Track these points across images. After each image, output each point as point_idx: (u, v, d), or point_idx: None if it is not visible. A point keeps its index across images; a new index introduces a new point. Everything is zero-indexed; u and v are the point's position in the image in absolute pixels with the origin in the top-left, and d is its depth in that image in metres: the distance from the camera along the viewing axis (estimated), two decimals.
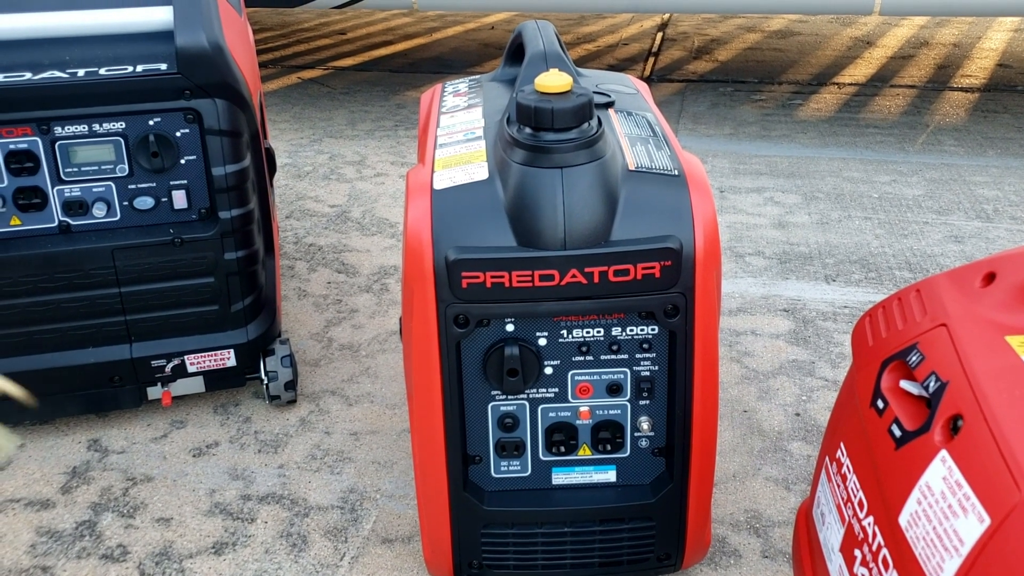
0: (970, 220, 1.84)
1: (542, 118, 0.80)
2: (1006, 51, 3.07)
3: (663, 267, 0.80)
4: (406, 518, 1.10)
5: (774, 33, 3.35)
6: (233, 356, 1.23)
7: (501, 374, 0.84)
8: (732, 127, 2.39)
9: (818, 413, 1.27)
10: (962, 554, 0.55)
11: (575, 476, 0.91)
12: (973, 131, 2.34)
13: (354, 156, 2.22)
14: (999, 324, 0.65)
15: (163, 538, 1.08)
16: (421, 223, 0.80)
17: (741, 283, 1.62)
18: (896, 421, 0.66)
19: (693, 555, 0.96)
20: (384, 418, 1.28)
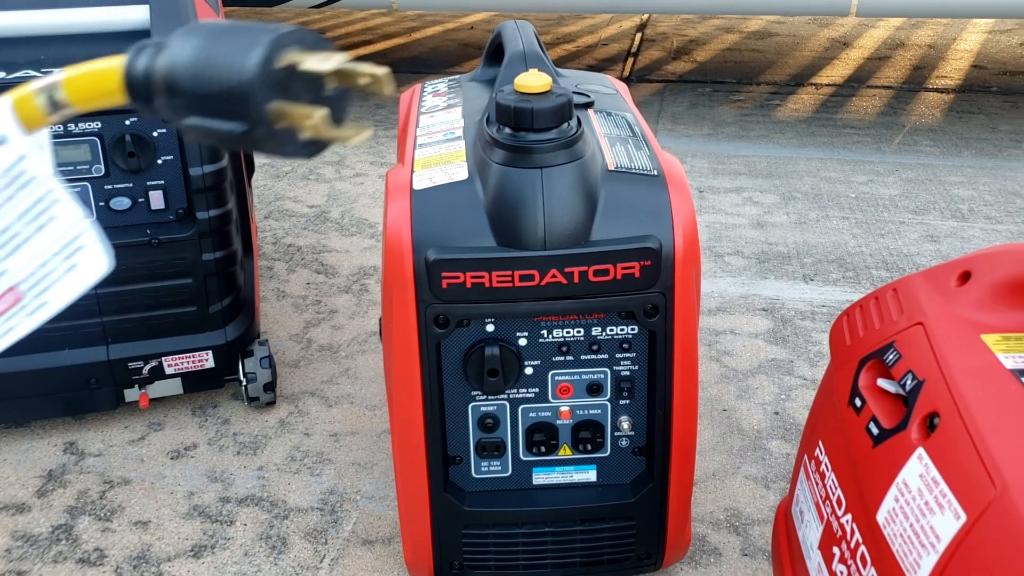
0: (946, 220, 1.86)
1: (522, 118, 0.80)
2: (980, 52, 3.10)
3: (643, 267, 0.80)
4: (386, 519, 1.10)
5: (752, 34, 3.37)
6: (211, 357, 1.22)
7: (481, 374, 0.84)
8: (711, 127, 2.40)
9: (796, 412, 1.28)
10: (939, 550, 0.55)
11: (555, 476, 0.91)
12: (948, 131, 2.36)
13: (333, 156, 2.21)
14: (974, 323, 0.66)
15: (141, 541, 1.07)
16: (401, 223, 0.80)
17: (720, 283, 1.62)
18: (873, 419, 0.66)
19: (673, 554, 0.96)
20: (364, 419, 1.28)
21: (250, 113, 0.34)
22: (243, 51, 0.34)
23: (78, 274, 0.39)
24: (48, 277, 0.39)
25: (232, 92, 0.34)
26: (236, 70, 0.34)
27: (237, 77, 0.34)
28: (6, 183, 0.37)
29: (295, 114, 0.35)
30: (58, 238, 0.38)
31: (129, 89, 0.37)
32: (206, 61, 0.34)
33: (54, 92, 0.38)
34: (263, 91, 0.34)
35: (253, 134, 0.35)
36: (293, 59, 0.35)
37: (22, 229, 0.38)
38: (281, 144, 0.35)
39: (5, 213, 0.38)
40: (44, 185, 0.38)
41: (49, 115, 0.38)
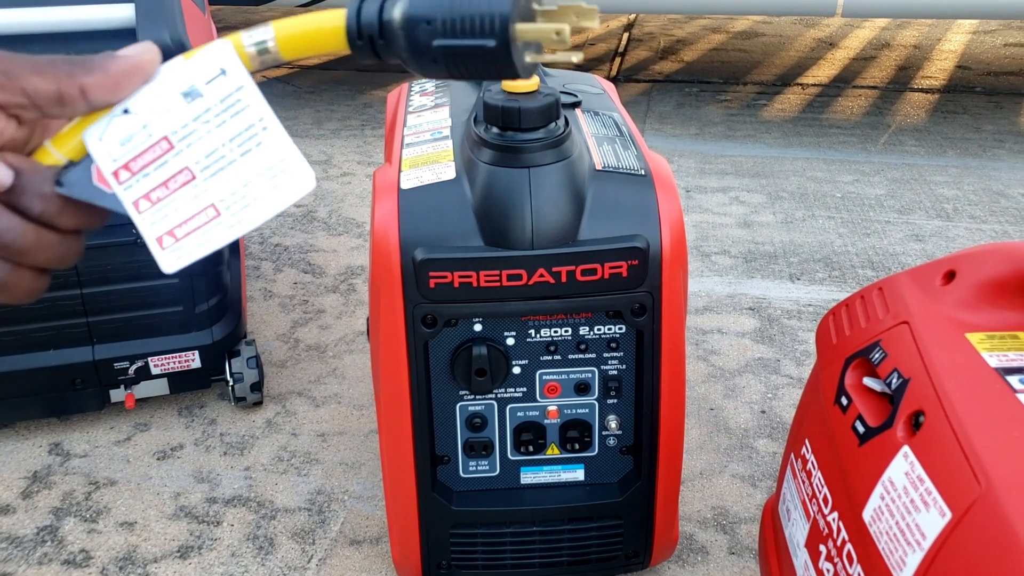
0: (931, 219, 1.87)
1: (509, 118, 0.80)
2: (965, 53, 3.12)
3: (630, 266, 0.80)
4: (374, 519, 1.10)
5: (739, 34, 3.38)
6: (198, 357, 1.21)
7: (469, 374, 0.84)
8: (698, 127, 2.41)
9: (783, 410, 1.28)
10: (924, 548, 0.56)
11: (543, 475, 0.91)
12: (933, 131, 2.38)
13: (320, 156, 2.21)
14: (959, 321, 0.66)
15: (127, 542, 1.06)
16: (388, 223, 0.80)
17: (707, 282, 1.63)
18: (859, 418, 0.67)
19: (661, 553, 0.96)
20: (351, 419, 1.27)
21: (503, 32, 0.42)
22: None
23: (280, 193, 0.43)
24: (248, 196, 0.43)
25: (490, 16, 0.42)
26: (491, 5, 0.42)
27: (496, 3, 0.42)
28: (222, 110, 0.42)
29: (539, 31, 0.43)
30: (263, 162, 0.43)
31: (355, 37, 0.44)
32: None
33: (267, 42, 0.43)
34: (514, 14, 0.42)
35: (500, 49, 0.42)
36: None
37: (229, 152, 0.42)
38: (517, 60, 0.43)
39: (217, 137, 0.42)
40: (257, 113, 0.43)
41: (255, 61, 0.44)
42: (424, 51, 0.43)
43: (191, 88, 0.42)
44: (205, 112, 0.42)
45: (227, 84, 0.43)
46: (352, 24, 0.43)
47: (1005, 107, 2.56)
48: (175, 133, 0.42)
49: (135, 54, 0.42)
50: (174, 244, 0.43)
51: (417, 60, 0.44)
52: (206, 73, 0.42)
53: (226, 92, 0.43)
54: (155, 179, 0.42)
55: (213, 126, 0.42)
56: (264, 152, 0.43)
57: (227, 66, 0.43)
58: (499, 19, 0.41)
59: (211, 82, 0.42)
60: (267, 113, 0.43)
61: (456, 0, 0.42)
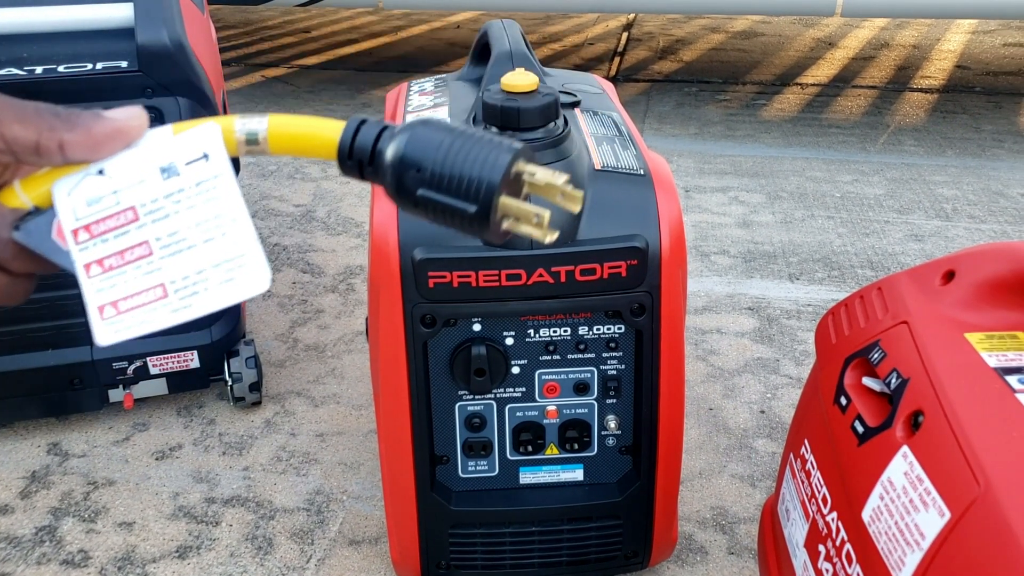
0: (930, 219, 1.87)
1: (508, 117, 0.80)
2: (964, 53, 3.12)
3: (629, 266, 0.80)
4: (373, 519, 1.10)
5: (738, 34, 3.38)
6: (197, 357, 1.21)
7: (468, 374, 0.84)
8: (697, 127, 2.41)
9: (782, 410, 1.28)
10: (923, 548, 0.56)
11: (542, 475, 0.91)
12: (932, 131, 2.38)
13: None
14: (959, 321, 0.66)
15: (125, 542, 1.06)
16: (387, 222, 0.80)
17: (706, 282, 1.63)
18: (859, 417, 0.67)
19: (660, 553, 0.96)
20: (350, 419, 1.27)
21: (487, 201, 0.42)
22: (494, 151, 0.42)
23: (232, 288, 0.42)
24: (199, 284, 0.42)
25: (478, 182, 0.42)
26: (488, 165, 0.42)
27: (488, 171, 0.42)
28: (196, 192, 0.42)
29: (520, 210, 0.43)
30: (224, 253, 0.42)
31: (345, 155, 0.44)
32: (457, 151, 0.42)
33: (257, 133, 0.43)
34: (501, 187, 0.42)
35: (479, 215, 0.42)
36: (523, 168, 0.43)
37: (192, 236, 0.42)
38: (492, 227, 0.43)
39: (184, 219, 0.42)
40: (228, 203, 0.42)
41: (242, 148, 0.44)
42: (407, 194, 0.43)
43: (170, 165, 0.42)
44: (179, 191, 0.42)
45: (206, 169, 0.42)
46: (346, 144, 0.44)
47: (1004, 107, 2.57)
48: (143, 205, 0.42)
49: (122, 118, 0.42)
50: (114, 316, 0.42)
51: (399, 198, 0.44)
52: (188, 154, 0.42)
53: (204, 177, 0.42)
54: (112, 247, 0.42)
55: (183, 207, 0.42)
56: (227, 243, 0.42)
57: (211, 151, 0.43)
58: (486, 189, 0.42)
59: (191, 163, 0.42)
60: (239, 205, 0.42)
61: (451, 156, 0.42)
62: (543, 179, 0.44)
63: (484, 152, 0.42)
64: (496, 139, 0.43)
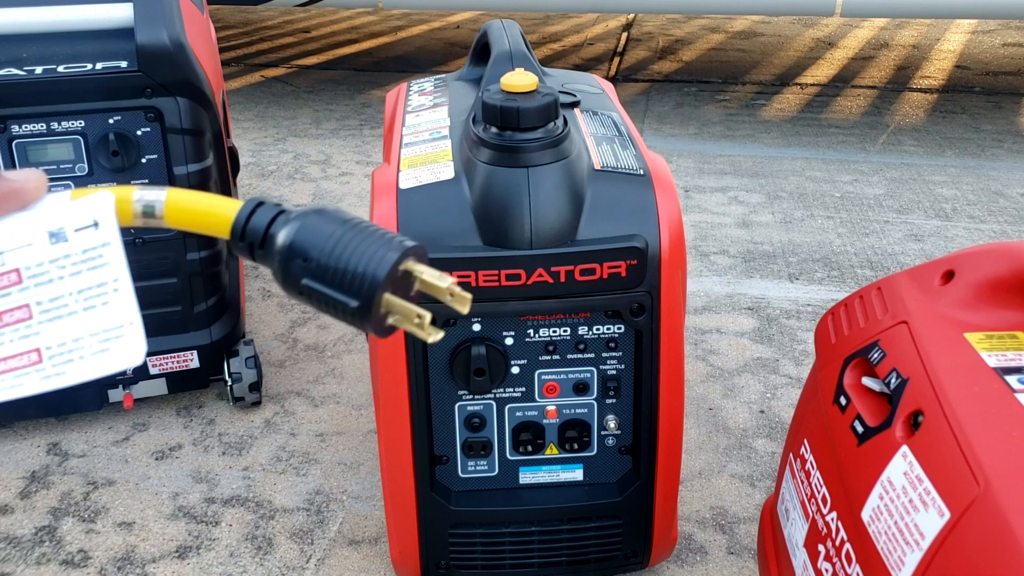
0: (929, 219, 1.87)
1: (508, 117, 0.80)
2: (964, 53, 3.12)
3: (629, 266, 0.80)
4: (373, 519, 1.10)
5: (738, 34, 3.38)
6: (196, 357, 1.21)
7: (468, 374, 0.84)
8: (697, 127, 2.41)
9: (782, 410, 1.28)
10: (923, 548, 0.56)
11: (542, 475, 0.91)
12: (932, 131, 2.38)
13: (319, 155, 2.21)
14: (958, 321, 0.66)
15: (125, 542, 1.06)
16: (387, 222, 0.80)
17: (706, 282, 1.63)
18: (858, 417, 0.67)
19: (660, 552, 0.96)
20: (350, 419, 1.27)
21: (369, 296, 0.42)
22: (382, 248, 0.42)
23: (106, 359, 0.42)
24: (75, 352, 0.42)
25: (362, 277, 0.42)
26: (374, 262, 0.42)
27: (373, 268, 0.42)
28: (81, 260, 0.42)
29: (403, 308, 0.43)
30: (103, 323, 0.42)
31: (238, 235, 0.44)
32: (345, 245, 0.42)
33: (154, 206, 0.44)
34: (385, 284, 0.42)
35: (360, 311, 0.42)
36: (412, 267, 0.44)
37: (73, 303, 0.42)
38: (374, 323, 0.43)
39: (67, 285, 0.42)
40: (113, 272, 0.42)
41: (138, 220, 0.44)
42: (293, 282, 0.44)
43: (60, 230, 0.42)
44: (64, 257, 0.42)
45: (95, 237, 0.42)
46: (239, 225, 0.44)
47: (1004, 107, 2.57)
48: (28, 268, 0.41)
49: (19, 180, 0.42)
50: None
51: (284, 285, 0.44)
52: (79, 220, 0.42)
53: (91, 244, 0.42)
54: None
55: (67, 273, 0.42)
56: (107, 313, 0.42)
57: (101, 219, 0.42)
58: (369, 285, 0.42)
59: (81, 230, 0.42)
60: (123, 276, 0.42)
61: (339, 249, 0.42)
62: (429, 280, 0.44)
63: (373, 248, 0.42)
64: (388, 236, 0.43)
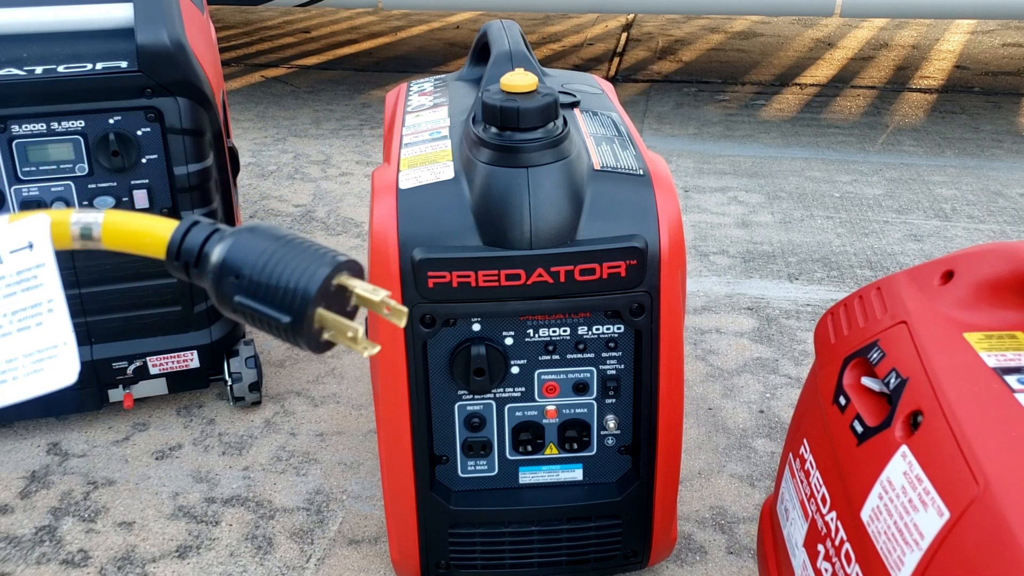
0: (929, 219, 1.87)
1: (508, 118, 0.80)
2: (963, 53, 3.12)
3: (628, 266, 0.80)
4: (373, 519, 1.10)
5: (737, 34, 3.38)
6: (196, 357, 1.21)
7: (468, 374, 0.84)
8: (696, 127, 2.41)
9: (782, 410, 1.28)
10: (922, 547, 0.56)
11: (542, 475, 0.91)
12: (931, 131, 2.38)
13: (319, 155, 2.21)
14: (957, 321, 0.66)
15: (125, 542, 1.06)
16: (387, 222, 0.80)
17: (706, 282, 1.63)
18: (858, 417, 0.67)
19: (659, 552, 0.96)
20: (350, 419, 1.27)
21: (300, 312, 0.42)
22: (313, 263, 0.42)
23: (39, 379, 0.42)
24: (8, 373, 0.42)
25: (293, 292, 0.42)
26: (305, 277, 0.42)
27: (304, 283, 0.42)
28: (15, 281, 0.42)
29: (336, 323, 0.43)
30: (37, 343, 0.42)
31: (173, 254, 0.45)
32: (277, 261, 0.43)
33: (92, 228, 0.44)
34: (317, 299, 0.42)
35: (293, 326, 0.43)
36: (345, 282, 0.44)
37: (6, 324, 0.42)
38: (308, 338, 0.43)
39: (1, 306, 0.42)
40: (48, 293, 0.43)
41: (77, 242, 0.44)
42: (226, 299, 0.44)
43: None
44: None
45: (29, 259, 0.42)
46: (175, 244, 0.45)
47: (1003, 107, 2.57)
48: None
49: None
50: None
51: (219, 303, 0.45)
52: (14, 242, 0.42)
53: (25, 266, 0.42)
54: None
55: (1, 295, 0.42)
56: (41, 333, 0.42)
57: (36, 241, 0.42)
58: (301, 300, 0.42)
59: (15, 252, 0.42)
60: (58, 296, 0.43)
61: (271, 265, 0.43)
62: (363, 294, 0.44)
63: (304, 263, 0.43)
64: (321, 251, 0.43)
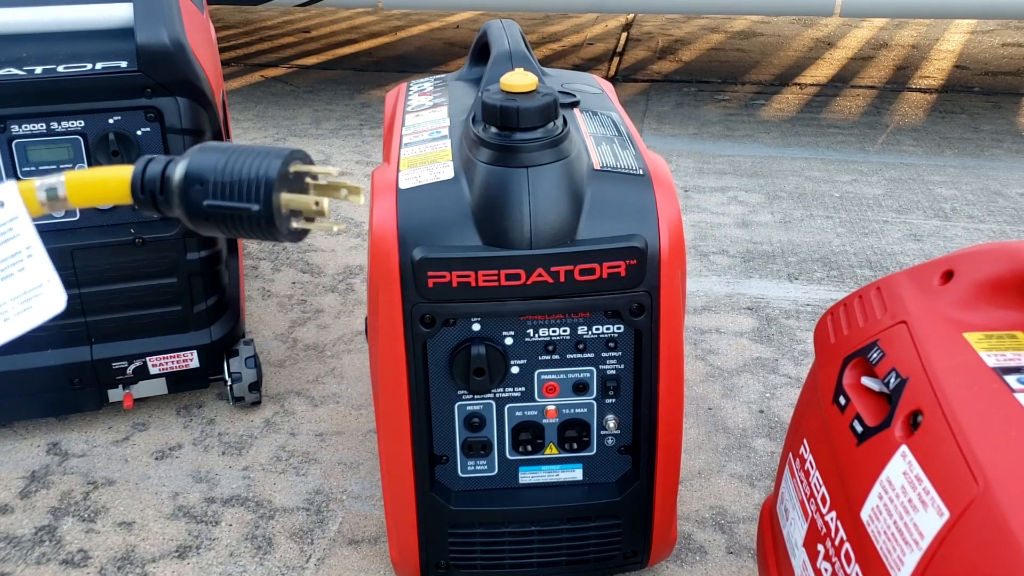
0: (929, 219, 1.87)
1: (508, 117, 0.80)
2: (963, 53, 3.12)
3: (628, 266, 0.80)
4: (372, 519, 1.10)
5: (737, 34, 3.38)
6: (196, 357, 1.21)
7: (468, 374, 0.84)
8: (696, 127, 2.41)
9: (781, 410, 1.28)
10: (922, 547, 0.56)
11: (542, 475, 0.91)
12: (931, 131, 2.38)
13: (318, 155, 2.21)
14: (957, 321, 0.66)
15: (125, 542, 1.06)
16: (387, 222, 0.80)
17: (706, 282, 1.63)
18: (857, 417, 0.67)
19: (659, 552, 0.96)
20: (350, 419, 1.27)
21: (267, 196, 0.46)
22: (267, 156, 0.47)
23: (30, 315, 0.47)
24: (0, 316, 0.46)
25: (256, 181, 0.46)
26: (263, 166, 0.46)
27: (264, 171, 0.46)
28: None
29: (301, 202, 0.48)
30: (22, 286, 0.46)
31: (138, 189, 0.48)
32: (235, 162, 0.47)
33: (56, 188, 0.48)
34: (279, 183, 0.46)
35: (263, 212, 0.47)
36: (300, 168, 0.48)
37: None
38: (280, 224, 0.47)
39: None
40: (25, 241, 0.46)
41: (45, 206, 0.48)
42: (196, 210, 0.48)
43: None
44: None
45: (3, 214, 0.46)
46: (137, 178, 0.48)
47: (1003, 107, 2.57)
48: None
49: None
50: None
51: (191, 217, 0.48)
52: None
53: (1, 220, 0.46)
54: None
55: None
56: (24, 277, 0.46)
57: (6, 199, 0.46)
58: (265, 186, 0.46)
59: None
60: (35, 242, 0.46)
61: (229, 165, 0.47)
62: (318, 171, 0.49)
63: (259, 158, 0.47)
64: (270, 147, 0.47)
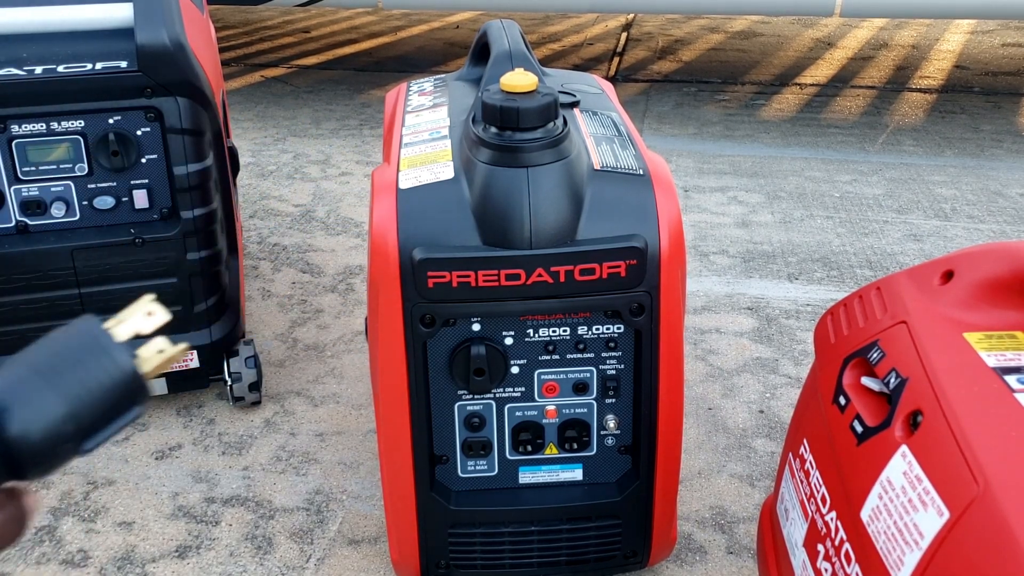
0: (929, 219, 1.87)
1: (508, 117, 0.80)
2: (963, 53, 3.12)
3: (628, 266, 0.80)
4: (372, 519, 1.10)
5: (737, 34, 3.38)
6: (196, 357, 1.21)
7: (467, 374, 0.84)
8: (696, 127, 2.41)
9: (781, 410, 1.28)
10: (922, 547, 0.56)
11: (542, 475, 0.91)
12: (931, 131, 2.38)
13: (318, 155, 2.21)
14: (957, 321, 0.66)
15: (125, 542, 1.06)
16: (387, 222, 0.80)
17: (706, 282, 1.63)
18: (857, 417, 0.67)
19: (659, 552, 0.96)
20: (350, 419, 1.27)
21: (141, 388, 0.38)
22: (101, 362, 0.37)
23: None
24: None
25: (124, 390, 0.38)
26: (114, 375, 0.37)
27: (120, 377, 0.37)
28: None
29: (153, 359, 0.40)
30: None
31: None
32: (77, 396, 0.37)
33: None
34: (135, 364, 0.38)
35: (146, 396, 0.39)
36: (113, 325, 0.40)
37: None
38: (147, 386, 0.40)
39: None
40: None
41: None
42: (75, 455, 0.38)
43: None
44: None
45: None
46: None
47: (1003, 107, 2.57)
48: None
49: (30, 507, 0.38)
50: None
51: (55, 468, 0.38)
52: None
53: None
54: None
55: None
56: None
57: None
58: (139, 382, 0.38)
59: None
60: None
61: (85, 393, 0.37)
62: (128, 314, 0.41)
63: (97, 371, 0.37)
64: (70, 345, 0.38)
